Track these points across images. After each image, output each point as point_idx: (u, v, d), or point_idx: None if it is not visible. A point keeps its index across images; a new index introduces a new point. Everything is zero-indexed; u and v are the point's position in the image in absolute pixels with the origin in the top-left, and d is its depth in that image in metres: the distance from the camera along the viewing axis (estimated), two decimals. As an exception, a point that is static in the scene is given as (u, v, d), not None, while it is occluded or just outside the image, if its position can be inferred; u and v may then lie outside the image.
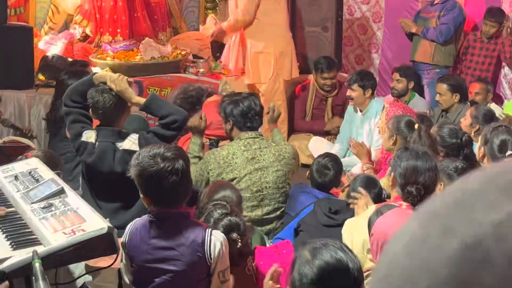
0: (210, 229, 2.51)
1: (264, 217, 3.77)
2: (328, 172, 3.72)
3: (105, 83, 3.36)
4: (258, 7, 5.75)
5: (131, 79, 3.44)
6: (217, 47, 6.64)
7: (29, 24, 6.51)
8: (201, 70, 6.16)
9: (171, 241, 2.50)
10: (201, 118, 3.90)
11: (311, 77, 6.23)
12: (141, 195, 2.57)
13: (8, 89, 5.43)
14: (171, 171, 2.43)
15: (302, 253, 1.90)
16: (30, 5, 6.79)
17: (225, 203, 2.79)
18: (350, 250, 1.96)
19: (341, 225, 3.11)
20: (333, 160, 3.80)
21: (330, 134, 6.02)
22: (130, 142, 3.26)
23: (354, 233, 2.95)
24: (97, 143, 3.29)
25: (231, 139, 3.92)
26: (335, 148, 5.55)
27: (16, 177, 3.01)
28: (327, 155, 3.90)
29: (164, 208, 2.51)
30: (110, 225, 2.46)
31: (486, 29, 6.20)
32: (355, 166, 4.81)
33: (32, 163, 3.17)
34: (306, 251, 1.89)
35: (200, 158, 3.84)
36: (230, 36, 6.10)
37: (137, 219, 2.60)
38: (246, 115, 3.77)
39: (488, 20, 6.15)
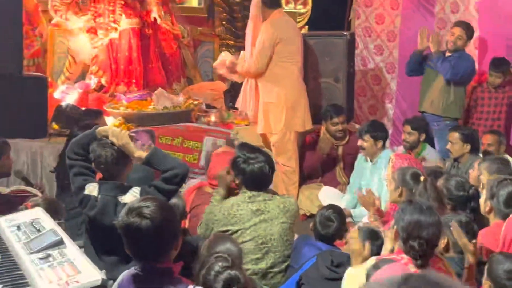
0: (193, 286, 2.49)
1: (269, 270, 3.73)
2: (331, 224, 3.70)
3: (107, 137, 3.39)
4: (271, 59, 5.81)
5: (133, 134, 3.47)
6: (230, 97, 6.71)
7: (47, 74, 6.66)
8: (213, 119, 6.21)
9: None
10: (229, 172, 3.93)
11: (323, 126, 6.24)
12: None
13: (21, 138, 5.50)
14: (137, 227, 2.42)
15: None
16: (48, 55, 6.95)
17: (226, 256, 2.78)
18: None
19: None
20: (337, 212, 3.77)
21: (340, 184, 5.99)
22: (132, 196, 3.27)
23: (354, 285, 2.91)
24: (99, 196, 3.31)
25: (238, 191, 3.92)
26: (345, 199, 5.53)
27: (18, 227, 3.04)
28: (330, 207, 3.88)
29: (147, 262, 2.50)
30: (104, 277, 2.47)
31: (492, 79, 6.21)
32: (364, 217, 4.76)
33: (35, 213, 3.20)
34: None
35: None
36: (246, 80, 6.14)
37: (126, 271, 2.59)
38: (256, 178, 3.76)
39: (492, 71, 6.17)
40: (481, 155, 5.29)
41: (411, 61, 6.49)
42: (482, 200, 3.56)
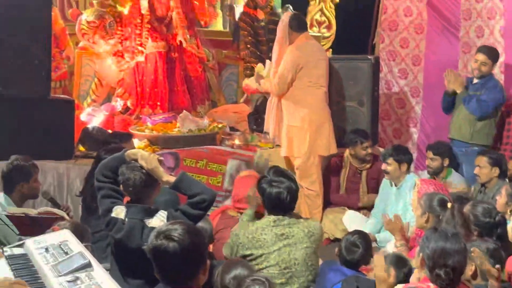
0: None
1: (293, 295, 3.72)
2: (357, 250, 3.68)
3: (136, 160, 3.42)
4: (293, 83, 5.84)
5: (161, 158, 3.50)
6: (254, 120, 6.74)
7: (73, 96, 6.75)
8: (237, 142, 6.24)
9: None
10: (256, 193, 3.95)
11: (346, 150, 6.23)
12: None
13: (48, 160, 5.57)
14: (165, 249, 2.45)
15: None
16: (75, 78, 7.05)
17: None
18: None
19: (368, 305, 3.06)
20: (362, 238, 3.75)
21: (365, 208, 5.96)
22: (159, 220, 3.30)
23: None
24: (126, 219, 3.33)
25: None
26: (369, 223, 5.50)
27: (46, 249, 3.06)
28: (356, 232, 3.87)
29: (175, 286, 2.52)
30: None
31: None
32: (389, 243, 4.73)
33: (63, 235, 3.23)
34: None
35: None
36: (270, 99, 6.23)
37: None
38: (272, 202, 3.75)
39: None
40: (507, 180, 5.25)
41: (444, 102, 6.44)
42: (509, 227, 3.52)
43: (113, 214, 3.35)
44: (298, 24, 6.03)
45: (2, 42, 5.42)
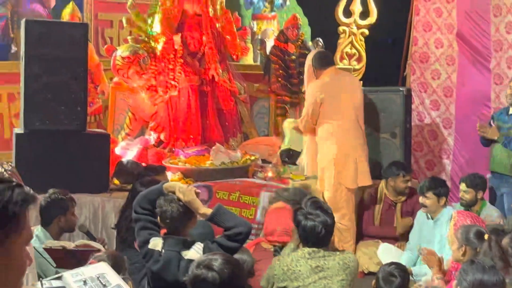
0: None
1: (329, 328, 3.68)
2: (394, 280, 3.64)
3: (174, 192, 3.46)
4: (319, 118, 5.95)
5: (198, 190, 3.53)
6: (285, 152, 6.77)
7: (108, 130, 6.85)
8: (270, 174, 6.26)
9: None
10: None
11: (381, 182, 6.20)
12: None
13: (84, 193, 5.64)
14: (204, 279, 2.47)
15: None
16: (109, 112, 7.16)
17: None
18: None
19: None
20: (400, 268, 3.72)
21: (399, 241, 5.91)
22: (195, 252, 3.32)
23: None
24: (163, 251, 3.36)
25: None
26: (405, 256, 5.44)
27: (85, 282, 3.09)
28: (393, 263, 3.83)
29: None
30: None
31: None
32: (425, 276, 4.67)
33: (101, 268, 3.26)
34: None
35: None
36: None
37: None
38: (306, 234, 3.75)
39: None
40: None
41: (481, 139, 6.39)
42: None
43: (150, 246, 3.38)
44: (321, 62, 6.12)
45: (39, 77, 5.54)
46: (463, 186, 5.68)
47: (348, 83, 6.26)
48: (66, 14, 7.57)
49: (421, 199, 5.22)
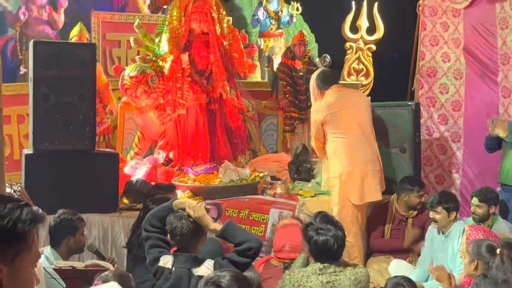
0: None
1: None
2: (403, 289, 3.62)
3: (184, 209, 3.46)
4: (323, 143, 6.04)
5: (208, 206, 3.53)
6: (295, 168, 6.75)
7: (117, 149, 6.87)
8: (279, 191, 6.24)
9: None
10: None
11: (392, 197, 6.17)
12: None
13: (94, 213, 5.64)
14: None
15: None
16: (118, 132, 7.19)
17: None
18: None
19: None
20: (407, 280, 3.68)
21: (410, 255, 5.87)
22: (206, 269, 3.31)
23: None
24: (173, 268, 3.35)
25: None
26: (416, 272, 5.39)
27: (95, 302, 3.10)
28: (400, 275, 3.80)
29: None
30: None
31: None
32: (436, 292, 4.64)
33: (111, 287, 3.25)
34: None
35: None
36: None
37: None
38: (324, 249, 3.72)
39: None
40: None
41: (487, 141, 6.36)
42: None
43: (160, 263, 3.38)
44: (323, 81, 6.13)
45: (48, 98, 5.57)
46: (475, 201, 5.62)
47: (352, 99, 6.21)
48: (74, 35, 7.62)
49: (431, 214, 5.18)
